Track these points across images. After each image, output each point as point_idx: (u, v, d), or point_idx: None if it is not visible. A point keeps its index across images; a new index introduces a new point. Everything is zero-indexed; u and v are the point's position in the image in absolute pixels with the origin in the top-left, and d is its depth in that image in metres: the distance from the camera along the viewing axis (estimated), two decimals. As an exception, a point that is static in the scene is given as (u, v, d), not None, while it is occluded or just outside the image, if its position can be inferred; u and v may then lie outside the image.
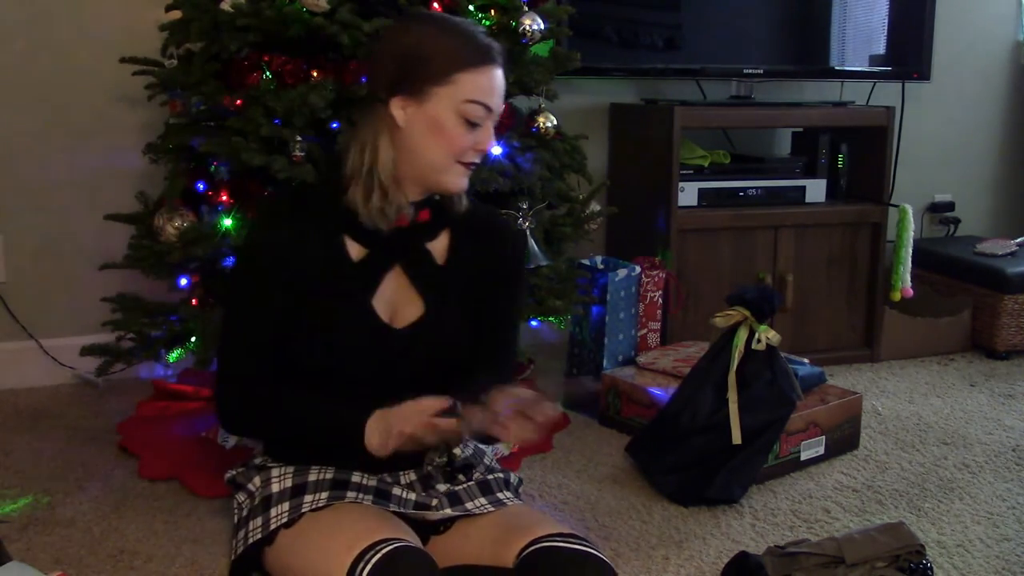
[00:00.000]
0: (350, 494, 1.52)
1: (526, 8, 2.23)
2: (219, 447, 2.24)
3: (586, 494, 2.12)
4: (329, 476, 1.54)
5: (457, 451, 1.66)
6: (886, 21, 3.24)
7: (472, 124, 1.46)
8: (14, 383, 2.73)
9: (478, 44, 1.46)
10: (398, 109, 1.46)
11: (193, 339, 2.13)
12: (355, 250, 1.52)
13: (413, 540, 1.42)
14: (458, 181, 1.50)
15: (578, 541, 1.43)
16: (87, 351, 2.22)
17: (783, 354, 2.25)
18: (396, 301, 1.54)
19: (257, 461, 1.63)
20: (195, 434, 2.33)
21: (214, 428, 2.31)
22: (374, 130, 1.49)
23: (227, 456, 2.18)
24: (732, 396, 2.11)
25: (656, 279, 2.75)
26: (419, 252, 1.55)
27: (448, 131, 1.45)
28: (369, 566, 1.33)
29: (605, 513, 2.02)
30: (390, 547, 1.35)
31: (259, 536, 1.51)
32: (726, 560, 1.77)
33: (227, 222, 2.08)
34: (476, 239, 1.60)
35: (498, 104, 1.48)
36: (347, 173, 1.50)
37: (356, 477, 1.55)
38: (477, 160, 1.50)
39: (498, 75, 1.48)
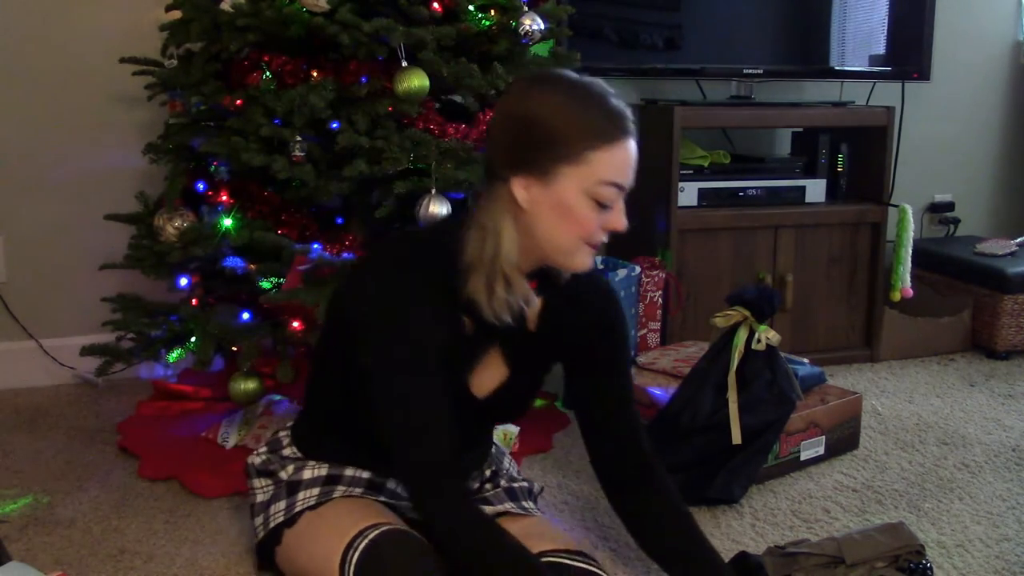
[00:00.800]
0: (382, 499, 1.53)
1: (526, 8, 2.22)
2: (219, 447, 2.24)
3: (586, 494, 2.12)
4: (365, 476, 1.54)
5: (487, 471, 1.68)
6: (886, 21, 3.24)
7: (603, 205, 1.33)
8: (14, 383, 2.73)
9: (611, 114, 1.32)
10: (520, 189, 1.32)
11: (193, 339, 2.14)
12: (467, 323, 1.42)
13: (402, 525, 1.42)
14: (585, 261, 1.37)
15: (585, 560, 1.43)
16: (87, 351, 2.22)
17: (783, 354, 2.25)
18: (482, 366, 1.47)
19: (286, 453, 1.61)
20: (195, 434, 2.32)
21: (214, 428, 2.31)
22: (494, 214, 1.34)
23: (227, 456, 2.18)
24: (732, 396, 2.11)
25: (656, 279, 2.75)
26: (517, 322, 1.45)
27: (577, 214, 1.31)
28: (358, 552, 1.34)
29: (605, 513, 2.02)
30: (377, 531, 1.36)
31: (281, 519, 1.51)
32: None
33: (227, 222, 2.09)
34: (569, 304, 1.50)
35: (631, 179, 1.35)
36: (467, 260, 1.35)
37: (391, 484, 1.55)
38: (606, 239, 1.38)
39: (632, 148, 1.34)
